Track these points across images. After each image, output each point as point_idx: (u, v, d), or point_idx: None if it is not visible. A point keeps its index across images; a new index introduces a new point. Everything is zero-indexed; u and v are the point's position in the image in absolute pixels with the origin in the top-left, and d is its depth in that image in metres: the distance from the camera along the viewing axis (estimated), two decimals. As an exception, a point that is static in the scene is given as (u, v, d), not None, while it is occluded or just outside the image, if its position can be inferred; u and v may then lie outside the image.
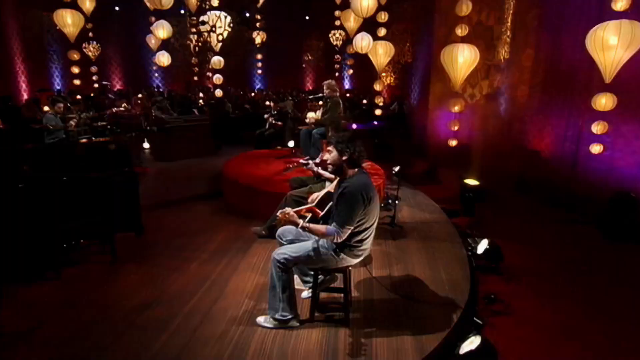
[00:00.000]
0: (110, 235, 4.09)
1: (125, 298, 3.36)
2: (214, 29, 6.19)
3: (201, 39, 12.22)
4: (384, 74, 12.65)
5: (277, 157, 7.13)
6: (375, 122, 13.13)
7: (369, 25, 8.77)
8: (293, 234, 2.99)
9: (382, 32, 8.84)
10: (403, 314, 3.13)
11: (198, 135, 8.99)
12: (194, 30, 11.17)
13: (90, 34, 13.09)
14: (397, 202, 5.05)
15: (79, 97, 13.11)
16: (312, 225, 2.69)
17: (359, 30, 8.71)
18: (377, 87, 9.44)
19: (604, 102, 4.84)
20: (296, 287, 3.37)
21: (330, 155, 2.70)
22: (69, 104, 8.88)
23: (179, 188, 6.56)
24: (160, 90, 17.37)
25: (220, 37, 6.10)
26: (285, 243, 2.98)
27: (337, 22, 9.84)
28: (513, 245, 4.73)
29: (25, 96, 13.71)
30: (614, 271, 4.42)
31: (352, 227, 2.62)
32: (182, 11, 13.60)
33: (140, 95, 13.62)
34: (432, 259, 4.08)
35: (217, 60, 8.09)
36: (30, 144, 6.07)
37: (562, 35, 6.03)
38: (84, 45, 13.45)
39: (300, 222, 2.68)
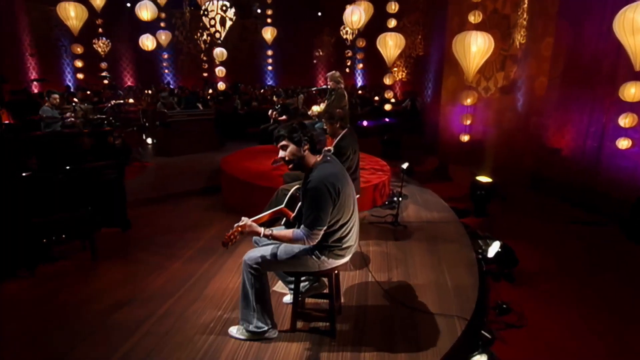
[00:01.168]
0: (90, 231, 3.85)
1: (100, 297, 3.16)
2: (214, 19, 5.94)
3: (207, 31, 12.02)
4: (395, 69, 12.23)
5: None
6: (387, 119, 12.77)
7: (379, 16, 8.43)
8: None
9: (392, 23, 8.46)
10: (399, 325, 2.77)
11: (201, 130, 8.75)
12: (200, 24, 10.98)
13: (100, 30, 13.02)
14: (400, 199, 4.68)
15: (88, 92, 13.13)
16: (276, 232, 2.33)
17: (369, 23, 8.37)
18: (387, 81, 9.06)
19: (633, 91, 4.38)
20: (279, 290, 3.08)
21: (286, 151, 2.32)
22: (75, 98, 8.75)
23: (176, 183, 6.33)
24: (171, 86, 17.33)
25: (218, 27, 5.84)
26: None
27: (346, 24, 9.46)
28: (528, 248, 4.32)
29: (36, 91, 13.74)
30: (641, 278, 3.97)
31: (324, 227, 2.26)
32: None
33: (149, 92, 13.55)
34: (436, 262, 3.71)
35: (219, 52, 7.83)
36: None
37: (585, 22, 5.56)
38: (93, 41, 13.41)
39: (262, 230, 2.31)
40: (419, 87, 12.29)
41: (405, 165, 7.06)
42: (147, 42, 7.38)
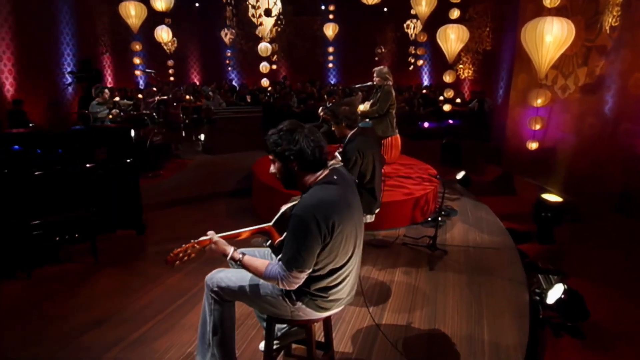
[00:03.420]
0: (92, 233, 3.64)
1: (81, 310, 2.93)
2: (262, 14, 5.61)
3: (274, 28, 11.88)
4: (460, 66, 11.12)
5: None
6: (451, 121, 11.73)
7: (443, 8, 7.58)
8: (261, 253, 2.12)
9: (455, 13, 7.58)
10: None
11: (247, 128, 8.51)
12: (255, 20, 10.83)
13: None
14: (439, 218, 3.92)
15: (154, 89, 13.66)
16: (246, 260, 1.77)
17: (432, 16, 7.56)
18: (447, 78, 8.19)
19: None
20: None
21: (274, 166, 1.78)
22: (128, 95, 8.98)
23: (209, 183, 6.11)
24: (233, 84, 17.60)
25: (264, 22, 5.50)
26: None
27: (413, 11, 8.68)
28: (606, 293, 3.36)
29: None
30: None
31: (308, 271, 1.68)
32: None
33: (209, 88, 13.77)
34: (475, 303, 2.94)
35: (263, 47, 7.48)
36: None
37: None
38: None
39: (230, 251, 1.78)
40: (488, 86, 11.07)
41: (460, 175, 6.21)
42: (162, 33, 7.24)
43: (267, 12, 5.30)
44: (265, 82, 8.11)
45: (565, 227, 4.47)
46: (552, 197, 4.34)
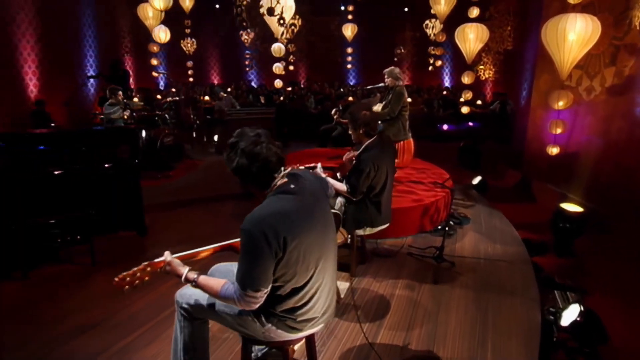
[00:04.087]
0: (89, 234, 3.60)
1: (76, 312, 2.91)
2: (279, 16, 5.51)
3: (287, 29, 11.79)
4: (481, 67, 10.74)
5: (331, 157, 6.20)
6: (470, 123, 11.39)
7: (464, 6, 7.31)
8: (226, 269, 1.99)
9: (474, 12, 7.31)
10: None
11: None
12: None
13: (187, 31, 13.58)
14: (447, 228, 3.70)
15: (173, 89, 13.82)
16: (201, 280, 1.64)
17: (453, 15, 7.30)
18: (466, 79, 7.91)
19: None
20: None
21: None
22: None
23: (217, 184, 6.06)
24: (252, 85, 17.65)
25: (282, 21, 5.38)
26: None
27: (433, 11, 8.43)
28: (629, 315, 3.08)
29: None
30: None
31: (264, 290, 1.54)
32: None
33: (227, 90, 13.82)
34: (481, 322, 2.73)
35: (277, 48, 7.38)
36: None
37: None
38: (181, 41, 14.07)
39: (184, 272, 1.64)
40: (511, 88, 10.65)
41: (476, 180, 5.94)
42: (160, 33, 7.21)
43: (270, 11, 5.18)
44: (278, 82, 8.01)
45: (587, 238, 4.16)
46: (572, 207, 4.04)
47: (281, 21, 4.96)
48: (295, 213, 1.54)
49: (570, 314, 2.65)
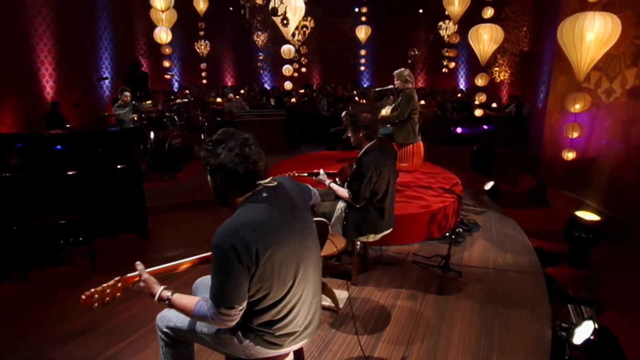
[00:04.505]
0: (89, 237, 3.58)
1: (69, 317, 2.86)
2: (284, 17, 5.45)
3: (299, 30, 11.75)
4: (496, 68, 10.49)
5: (340, 160, 6.10)
6: (485, 127, 11.16)
7: (479, 7, 7.13)
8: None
9: (488, 12, 7.11)
10: None
11: (269, 132, 8.39)
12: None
13: (201, 33, 13.68)
14: (453, 236, 3.55)
15: (187, 91, 13.91)
16: (175, 298, 1.53)
17: (468, 16, 7.14)
18: (480, 81, 7.69)
19: None
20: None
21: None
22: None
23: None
24: (265, 87, 17.68)
25: (285, 22, 5.31)
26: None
27: (447, 12, 8.27)
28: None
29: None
30: None
31: (239, 307, 1.43)
32: None
33: (238, 92, 13.85)
34: (487, 337, 2.58)
35: (286, 49, 7.31)
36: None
37: None
38: (195, 43, 14.19)
39: (158, 291, 1.53)
40: (528, 90, 10.38)
41: (488, 185, 5.76)
42: (161, 34, 7.20)
43: (274, 11, 5.10)
44: (288, 84, 7.95)
45: (604, 249, 3.95)
46: (587, 215, 3.84)
47: (284, 21, 4.87)
48: (267, 222, 1.44)
49: (584, 332, 2.49)
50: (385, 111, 5.48)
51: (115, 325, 2.76)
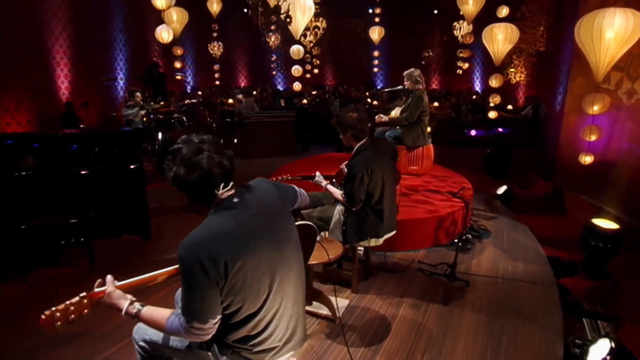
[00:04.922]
0: (88, 238, 3.53)
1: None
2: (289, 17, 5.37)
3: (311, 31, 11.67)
4: (512, 70, 10.22)
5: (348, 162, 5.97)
6: (500, 129, 10.89)
7: (494, 7, 6.93)
8: None
9: (503, 11, 6.92)
10: None
11: (278, 133, 8.33)
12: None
13: (215, 34, 13.73)
14: (460, 243, 3.38)
15: (199, 92, 13.98)
16: (144, 313, 1.43)
17: (483, 16, 6.94)
18: (494, 82, 7.46)
19: None
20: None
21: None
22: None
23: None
24: (278, 88, 17.68)
25: (289, 20, 5.24)
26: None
27: (461, 11, 8.07)
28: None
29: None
30: None
31: (212, 321, 1.33)
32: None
33: (244, 94, 13.86)
34: (492, 352, 2.41)
35: (295, 50, 7.23)
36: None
37: None
38: (208, 44, 14.26)
39: (125, 305, 1.43)
40: (545, 91, 10.08)
41: (501, 190, 5.56)
42: (163, 33, 7.16)
43: (276, 9, 5.02)
44: (297, 85, 7.87)
45: (623, 259, 3.73)
46: (605, 223, 3.62)
47: (287, 19, 4.77)
48: (236, 231, 1.34)
49: (599, 350, 2.31)
50: (395, 113, 5.34)
51: (108, 329, 2.69)
